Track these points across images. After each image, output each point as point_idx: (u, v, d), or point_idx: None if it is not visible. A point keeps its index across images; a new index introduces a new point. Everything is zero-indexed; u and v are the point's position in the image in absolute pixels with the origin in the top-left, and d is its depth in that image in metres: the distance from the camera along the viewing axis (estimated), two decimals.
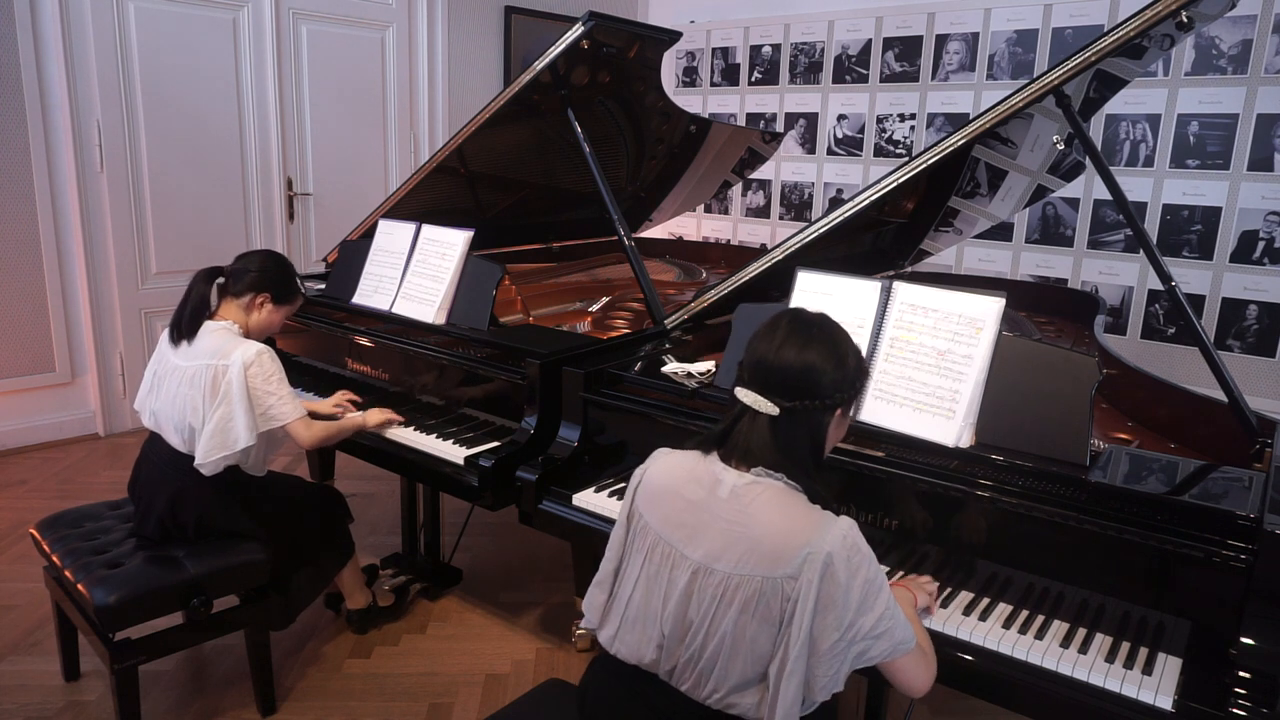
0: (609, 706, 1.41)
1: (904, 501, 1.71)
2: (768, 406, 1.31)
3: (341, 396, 2.61)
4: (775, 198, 5.71)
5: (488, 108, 2.79)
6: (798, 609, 1.21)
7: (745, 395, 1.33)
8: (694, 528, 1.31)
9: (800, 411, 1.31)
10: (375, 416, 2.46)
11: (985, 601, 1.62)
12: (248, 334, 2.24)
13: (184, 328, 2.17)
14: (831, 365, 1.32)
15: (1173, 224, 4.25)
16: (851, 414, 1.42)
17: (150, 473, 2.25)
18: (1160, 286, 2.87)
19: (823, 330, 1.35)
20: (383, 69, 5.10)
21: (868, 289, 1.85)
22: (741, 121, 5.74)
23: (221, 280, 2.25)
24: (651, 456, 1.44)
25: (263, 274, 2.24)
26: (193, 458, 2.14)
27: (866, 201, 2.21)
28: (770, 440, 1.31)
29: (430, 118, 5.33)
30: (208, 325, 2.19)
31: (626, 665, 1.38)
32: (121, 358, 4.31)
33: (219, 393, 2.11)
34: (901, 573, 1.71)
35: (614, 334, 2.82)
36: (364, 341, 2.72)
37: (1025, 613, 1.58)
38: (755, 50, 5.65)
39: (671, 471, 1.38)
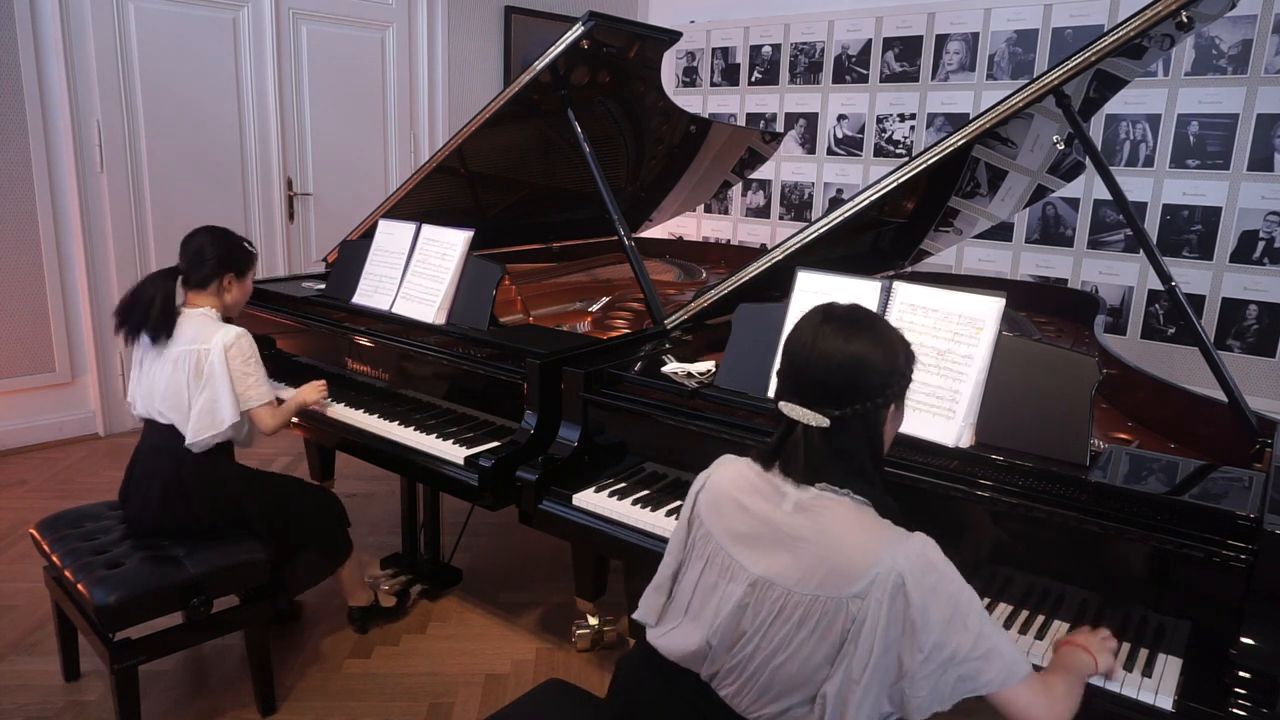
0: (643, 697, 1.37)
1: (903, 502, 1.71)
2: (817, 420, 1.21)
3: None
4: (775, 198, 5.71)
5: (488, 108, 2.79)
6: (864, 630, 1.15)
7: (791, 410, 1.24)
8: (755, 540, 1.25)
9: (853, 418, 1.21)
10: (312, 395, 2.54)
11: (985, 602, 1.62)
12: (226, 314, 2.34)
13: (159, 329, 2.22)
14: (879, 356, 1.22)
15: (1173, 224, 4.25)
16: (905, 407, 1.32)
17: (144, 466, 2.28)
18: (1160, 286, 2.86)
19: (862, 321, 1.25)
20: (383, 69, 5.10)
21: (868, 289, 1.85)
22: (741, 121, 5.73)
23: (181, 277, 2.31)
24: (716, 462, 1.38)
25: (216, 257, 2.31)
26: (183, 437, 2.21)
27: (866, 201, 2.21)
28: (827, 454, 1.22)
29: (430, 118, 5.33)
30: (186, 313, 2.27)
31: (668, 660, 1.34)
32: (121, 358, 4.30)
33: (203, 376, 2.20)
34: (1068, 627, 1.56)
35: (614, 334, 2.81)
36: (364, 341, 2.71)
37: (1025, 613, 1.58)
38: (755, 50, 5.65)
39: (733, 480, 1.31)
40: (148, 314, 2.22)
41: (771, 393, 1.32)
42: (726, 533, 1.29)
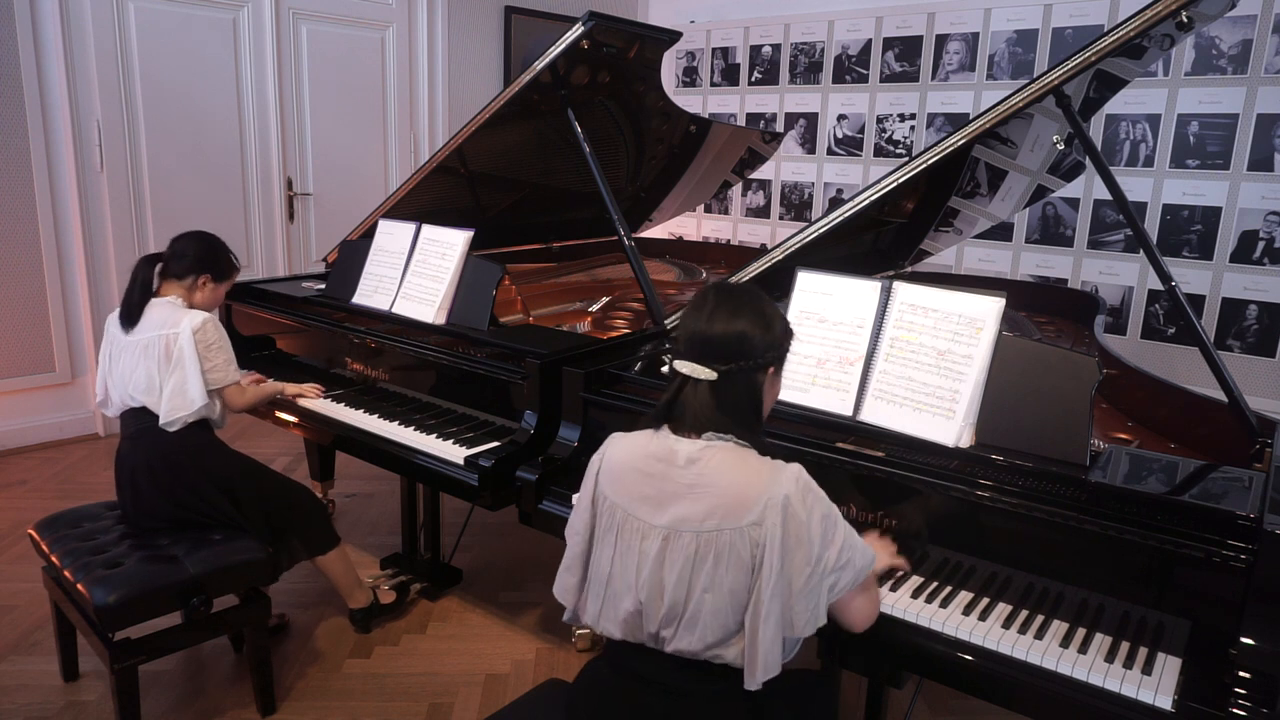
0: (600, 695, 1.46)
1: (904, 501, 1.71)
2: (706, 373, 1.38)
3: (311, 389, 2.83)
4: (775, 198, 5.71)
5: (488, 108, 2.79)
6: (766, 553, 1.29)
7: (684, 366, 1.41)
8: (659, 499, 1.38)
9: (736, 373, 1.39)
10: (293, 388, 2.69)
11: (985, 601, 1.62)
12: (192, 308, 2.38)
13: (133, 312, 2.31)
14: (760, 329, 1.40)
15: (1173, 224, 4.25)
16: (782, 373, 1.51)
17: (128, 456, 2.31)
18: (1160, 286, 2.87)
19: (748, 299, 1.43)
20: (383, 69, 5.10)
21: (868, 289, 1.85)
22: (741, 121, 5.73)
23: (161, 265, 2.38)
24: (607, 441, 1.50)
25: (200, 257, 2.38)
26: (158, 420, 2.27)
27: (866, 201, 2.21)
28: (713, 404, 1.39)
29: (430, 118, 5.33)
30: (153, 302, 2.33)
31: (616, 654, 1.44)
32: None
33: (172, 359, 2.26)
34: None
35: (614, 334, 2.81)
36: (364, 341, 2.71)
37: (1025, 613, 1.58)
38: (755, 50, 5.65)
39: (629, 452, 1.44)
40: (130, 297, 2.31)
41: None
42: (631, 498, 1.41)
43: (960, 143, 2.09)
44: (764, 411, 1.46)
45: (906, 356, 1.76)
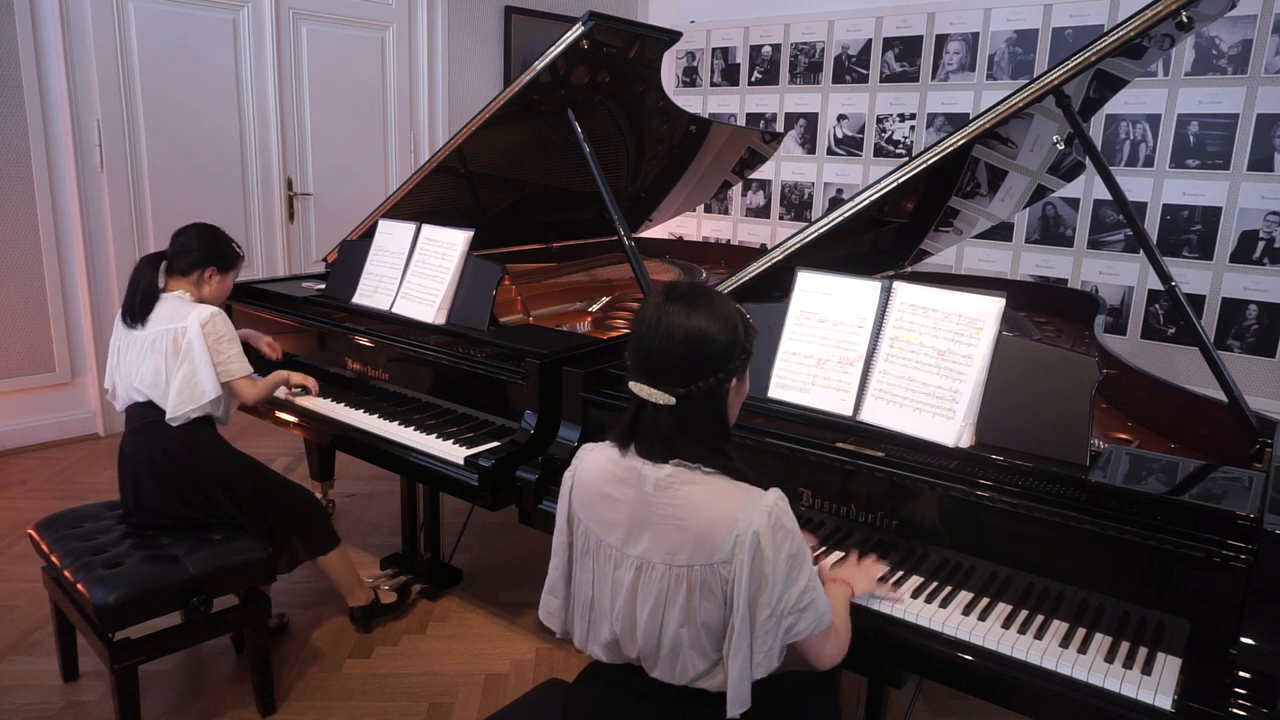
0: (597, 705, 1.44)
1: (904, 501, 1.71)
2: (664, 398, 1.27)
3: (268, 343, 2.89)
4: (775, 198, 5.71)
5: (488, 108, 2.79)
6: (735, 590, 1.23)
7: (639, 389, 1.29)
8: (629, 526, 1.31)
9: (697, 394, 1.27)
10: (298, 377, 2.71)
11: (985, 601, 1.62)
12: (201, 302, 2.39)
13: (137, 312, 2.31)
14: (718, 329, 1.27)
15: (1173, 224, 4.24)
16: (749, 379, 1.39)
17: (132, 451, 2.32)
18: (1160, 286, 2.87)
19: (701, 298, 1.29)
20: (383, 69, 5.10)
21: (868, 289, 1.85)
22: (741, 121, 5.73)
23: (165, 263, 2.39)
24: (577, 455, 1.43)
25: (203, 250, 2.40)
26: (163, 413, 2.27)
27: (866, 201, 2.21)
28: (675, 429, 1.28)
29: (430, 118, 5.33)
30: (162, 297, 2.34)
31: (607, 670, 1.41)
32: None
33: (180, 352, 2.26)
34: (841, 555, 1.74)
35: (614, 334, 2.81)
36: (364, 341, 2.72)
37: (1025, 612, 1.58)
38: (755, 50, 5.65)
39: (596, 473, 1.36)
40: (133, 297, 2.32)
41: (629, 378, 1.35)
42: (602, 524, 1.35)
43: (960, 143, 2.09)
44: (730, 421, 1.37)
45: (906, 356, 1.76)
